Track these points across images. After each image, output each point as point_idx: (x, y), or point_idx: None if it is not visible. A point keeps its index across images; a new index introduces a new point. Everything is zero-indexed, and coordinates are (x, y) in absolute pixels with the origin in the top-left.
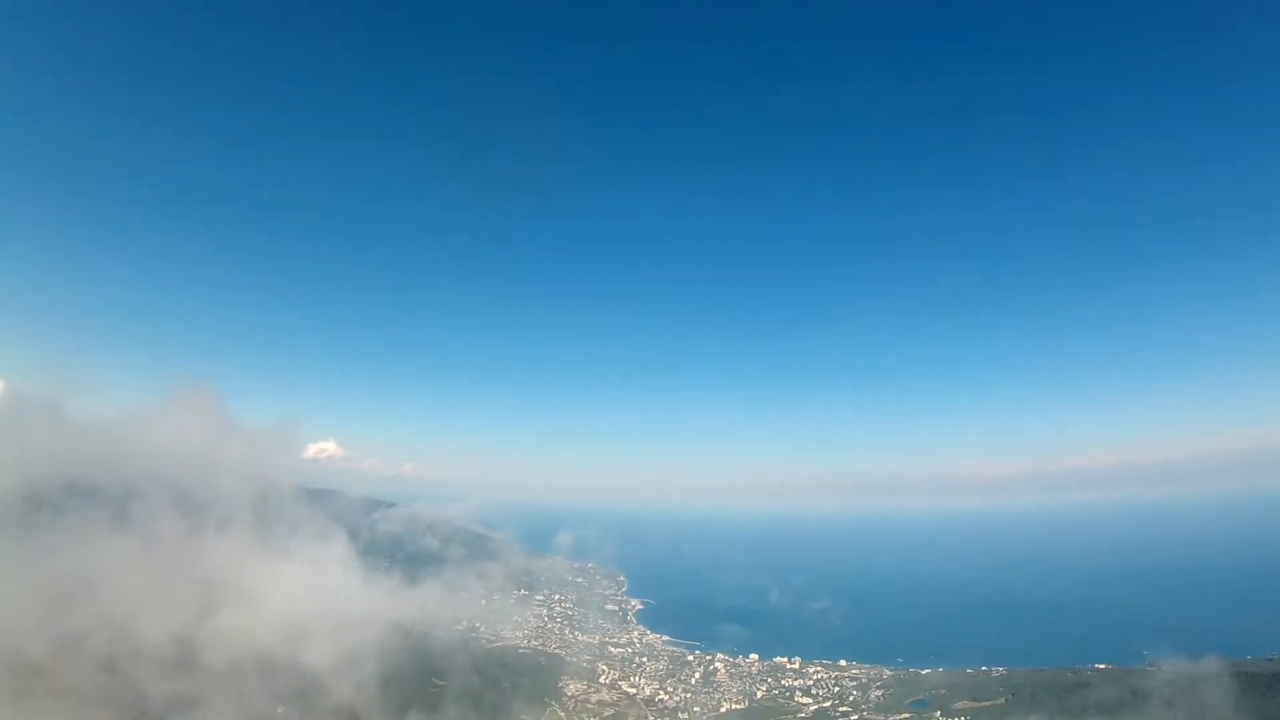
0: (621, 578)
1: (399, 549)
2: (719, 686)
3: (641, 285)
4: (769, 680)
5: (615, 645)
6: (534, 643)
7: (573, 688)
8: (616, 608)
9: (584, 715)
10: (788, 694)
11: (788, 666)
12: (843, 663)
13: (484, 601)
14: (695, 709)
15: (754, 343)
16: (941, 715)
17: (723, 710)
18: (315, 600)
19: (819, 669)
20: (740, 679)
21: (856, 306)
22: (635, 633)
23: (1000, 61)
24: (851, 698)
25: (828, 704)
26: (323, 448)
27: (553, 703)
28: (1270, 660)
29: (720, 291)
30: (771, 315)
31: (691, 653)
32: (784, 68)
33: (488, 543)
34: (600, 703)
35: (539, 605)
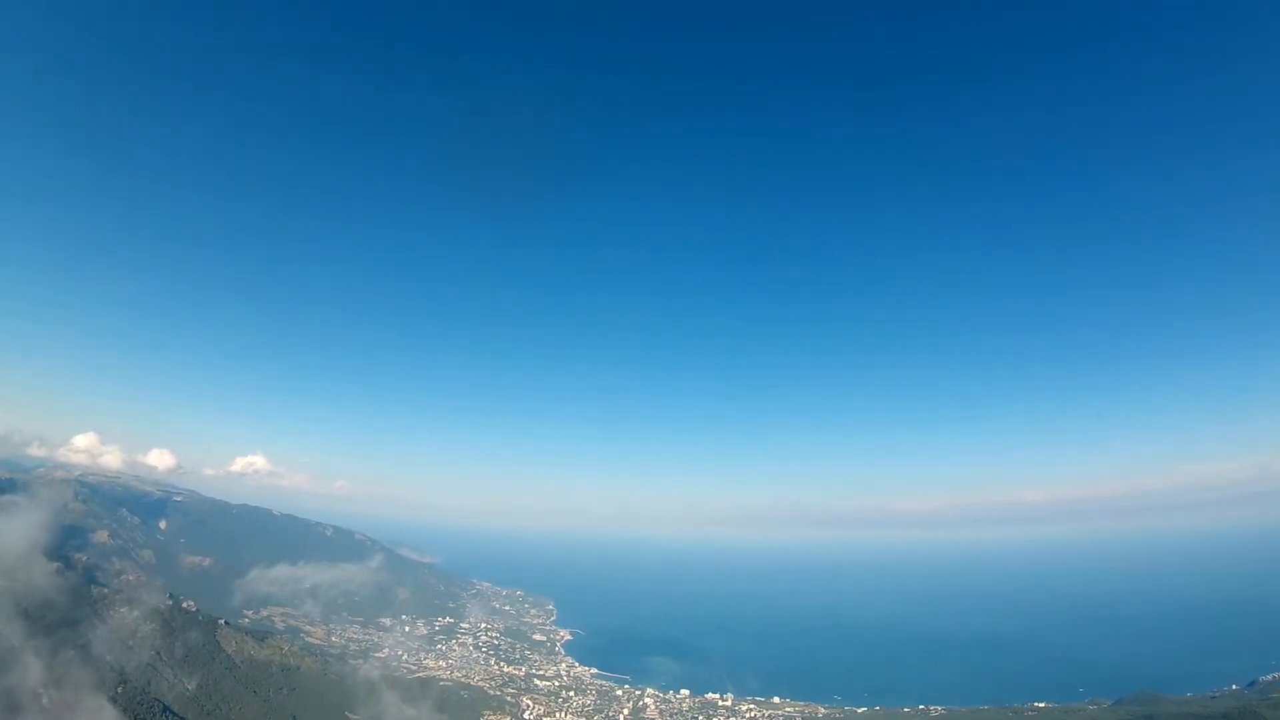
0: (550, 606)
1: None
2: None
3: (573, 314)
4: (700, 718)
5: (542, 678)
6: (457, 674)
7: None
8: (544, 638)
9: None
10: None
11: (719, 703)
12: (776, 700)
13: (407, 629)
14: None
15: (684, 376)
16: None
17: None
18: None
19: (752, 706)
20: (671, 716)
21: (786, 344)
22: (563, 664)
23: (1001, 59)
24: None
25: None
26: (250, 461)
27: None
28: (1213, 697)
29: (649, 321)
30: (700, 350)
31: (620, 687)
32: (785, 71)
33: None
34: None
35: (465, 634)
